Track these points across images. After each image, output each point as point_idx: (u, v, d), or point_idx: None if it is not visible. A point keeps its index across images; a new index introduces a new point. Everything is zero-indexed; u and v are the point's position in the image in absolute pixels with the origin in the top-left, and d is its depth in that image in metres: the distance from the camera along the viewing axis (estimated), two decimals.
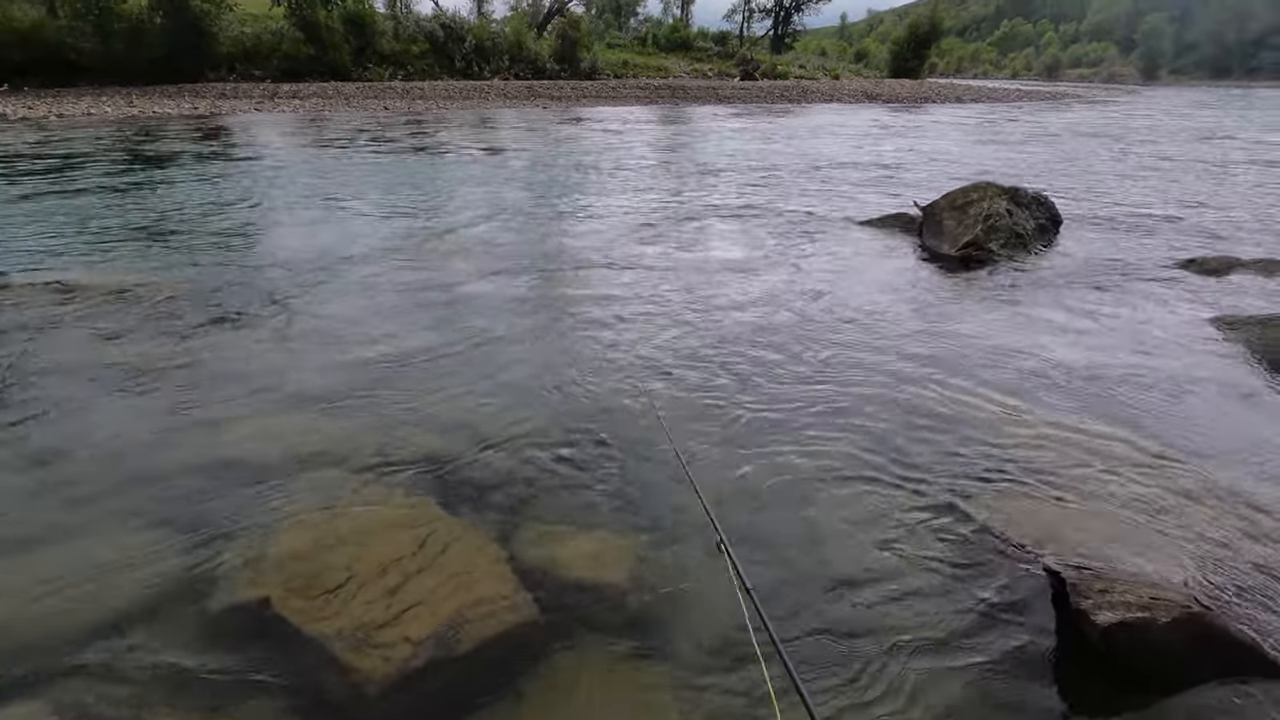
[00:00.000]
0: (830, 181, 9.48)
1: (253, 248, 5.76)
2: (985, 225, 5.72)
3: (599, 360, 3.56)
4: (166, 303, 4.31)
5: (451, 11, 37.98)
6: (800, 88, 35.40)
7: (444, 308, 4.35)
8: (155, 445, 2.71)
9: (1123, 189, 8.95)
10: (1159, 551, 2.04)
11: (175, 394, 3.13)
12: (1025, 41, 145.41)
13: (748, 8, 53.95)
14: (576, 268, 5.30)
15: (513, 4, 46.94)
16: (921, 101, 31.84)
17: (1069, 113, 26.44)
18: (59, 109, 18.83)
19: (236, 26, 29.93)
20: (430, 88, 28.52)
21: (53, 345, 3.63)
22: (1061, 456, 2.68)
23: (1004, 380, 3.37)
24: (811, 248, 5.91)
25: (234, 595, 1.94)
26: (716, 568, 2.11)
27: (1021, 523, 2.26)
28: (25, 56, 24.40)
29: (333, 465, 2.59)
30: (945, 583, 2.05)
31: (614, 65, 37.97)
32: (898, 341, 3.86)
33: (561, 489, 2.49)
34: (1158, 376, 3.45)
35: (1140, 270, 5.31)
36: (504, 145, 14.04)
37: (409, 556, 2.09)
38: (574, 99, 28.10)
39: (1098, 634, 1.64)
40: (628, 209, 7.44)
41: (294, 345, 3.72)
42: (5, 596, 1.96)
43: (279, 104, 22.56)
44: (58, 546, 2.17)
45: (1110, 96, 44.97)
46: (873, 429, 2.90)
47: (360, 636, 1.79)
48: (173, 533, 2.21)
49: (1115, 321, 4.24)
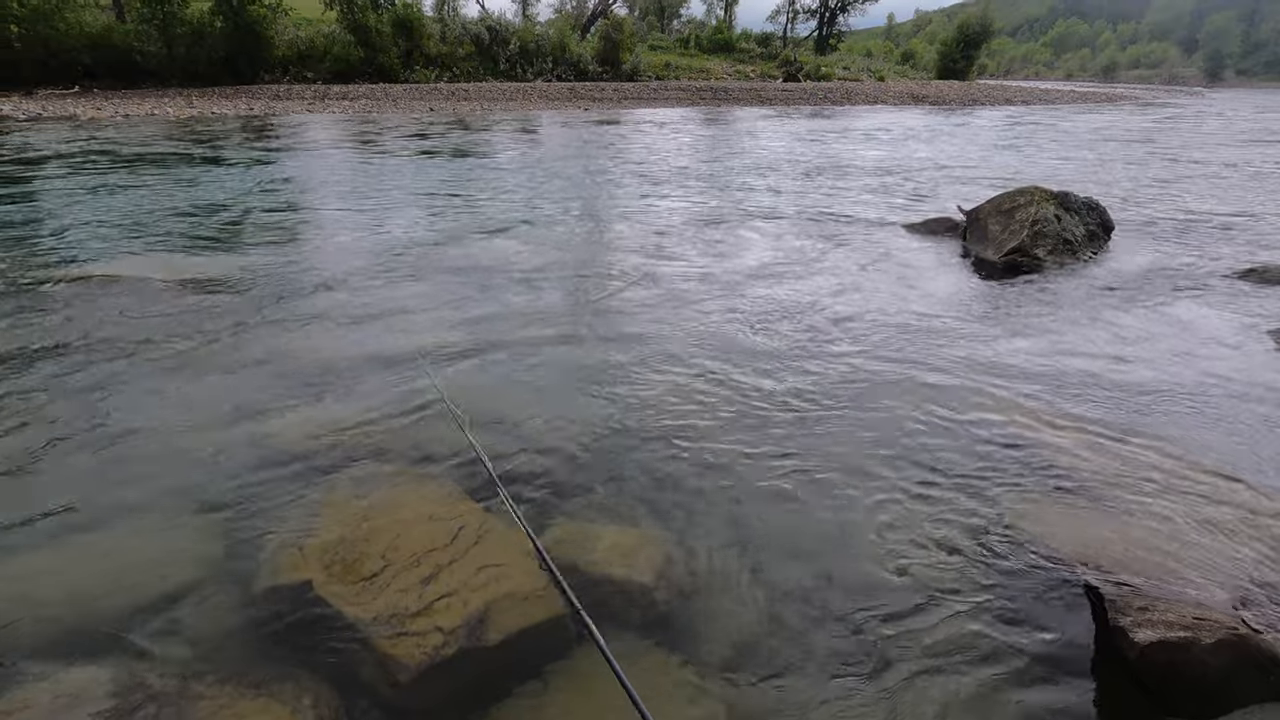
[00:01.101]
0: (871, 185, 9.35)
1: (302, 244, 5.95)
2: (1032, 230, 5.57)
3: (639, 358, 3.59)
4: (223, 294, 4.49)
5: (497, 14, 38.61)
6: (844, 89, 34.96)
7: (487, 305, 4.43)
8: (206, 431, 2.83)
9: (1181, 195, 8.61)
10: (1205, 570, 1.97)
11: (224, 382, 3.27)
12: (1080, 42, 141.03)
13: (792, 9, 53.50)
14: (621, 268, 5.34)
15: (557, 7, 47.51)
16: (970, 103, 31.13)
17: (1125, 115, 25.52)
18: (124, 109, 19.73)
19: (291, 30, 30.96)
20: (475, 89, 29.03)
21: (115, 333, 3.81)
22: (1106, 468, 2.60)
23: (1047, 389, 3.29)
24: (853, 252, 5.84)
25: (277, 577, 2.02)
26: (744, 567, 2.13)
27: (1061, 535, 2.20)
28: (94, 59, 25.72)
29: (371, 457, 2.67)
30: (980, 593, 2.01)
31: (656, 67, 38.08)
32: (938, 346, 3.80)
33: (596, 485, 2.52)
34: (1211, 389, 3.32)
35: (1196, 278, 5.11)
36: (544, 146, 14.20)
37: (442, 548, 2.14)
38: (615, 100, 28.25)
39: (1136, 652, 1.59)
40: (669, 210, 7.46)
41: (339, 338, 3.83)
42: (67, 571, 2.07)
43: (329, 105, 23.23)
44: (113, 525, 2.28)
45: (1171, 98, 43.25)
46: (911, 434, 2.86)
47: (395, 623, 1.84)
48: (221, 515, 2.31)
49: (1167, 331, 4.10)
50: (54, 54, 24.90)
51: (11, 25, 24.05)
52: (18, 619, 1.88)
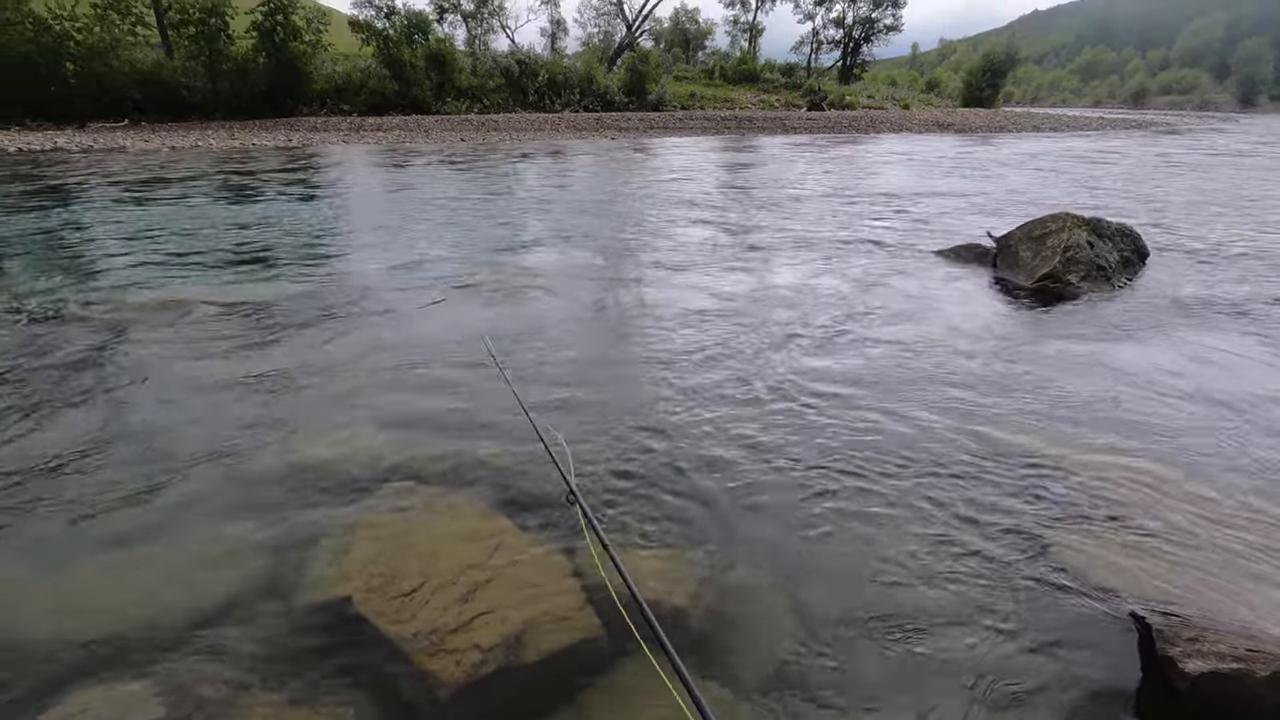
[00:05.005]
0: (898, 211, 9.34)
1: (337, 270, 6.12)
2: (1064, 257, 5.52)
3: (670, 384, 3.62)
4: (264, 319, 4.63)
5: (526, 47, 39.68)
6: (869, 118, 35.11)
7: (517, 329, 4.50)
8: (250, 451, 2.91)
9: (1215, 222, 8.46)
10: (1258, 602, 1.92)
11: (266, 404, 3.37)
12: (1108, 69, 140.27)
13: (815, 40, 54.13)
14: (648, 295, 5.40)
15: (585, 40, 48.68)
16: (996, 130, 31.03)
17: (1156, 143, 25.21)
18: (171, 141, 20.56)
19: (329, 65, 32.11)
20: (504, 120, 29.74)
21: (164, 355, 3.95)
22: (1146, 498, 2.55)
23: (1084, 417, 3.24)
24: (882, 278, 5.83)
25: (319, 592, 2.06)
26: (779, 591, 2.12)
27: (1104, 565, 2.16)
28: (144, 94, 26.91)
29: (409, 476, 2.72)
30: (1022, 625, 1.98)
31: (681, 97, 38.69)
32: (970, 373, 3.77)
33: (629, 507, 2.54)
34: (1250, 419, 3.24)
35: (1232, 306, 5.00)
36: (571, 175, 14.46)
37: (479, 566, 2.17)
38: (641, 130, 28.70)
39: (1187, 684, 1.56)
40: (696, 238, 7.53)
41: (377, 361, 3.92)
42: (117, 586, 2.14)
43: (364, 136, 23.95)
44: (162, 540, 2.35)
45: (1203, 124, 42.65)
46: (949, 461, 2.83)
47: (434, 640, 1.87)
48: (265, 532, 2.37)
49: (1204, 359, 4.01)
50: (107, 90, 26.14)
51: (68, 63, 25.35)
52: (72, 630, 1.94)
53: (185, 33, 28.42)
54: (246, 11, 29.10)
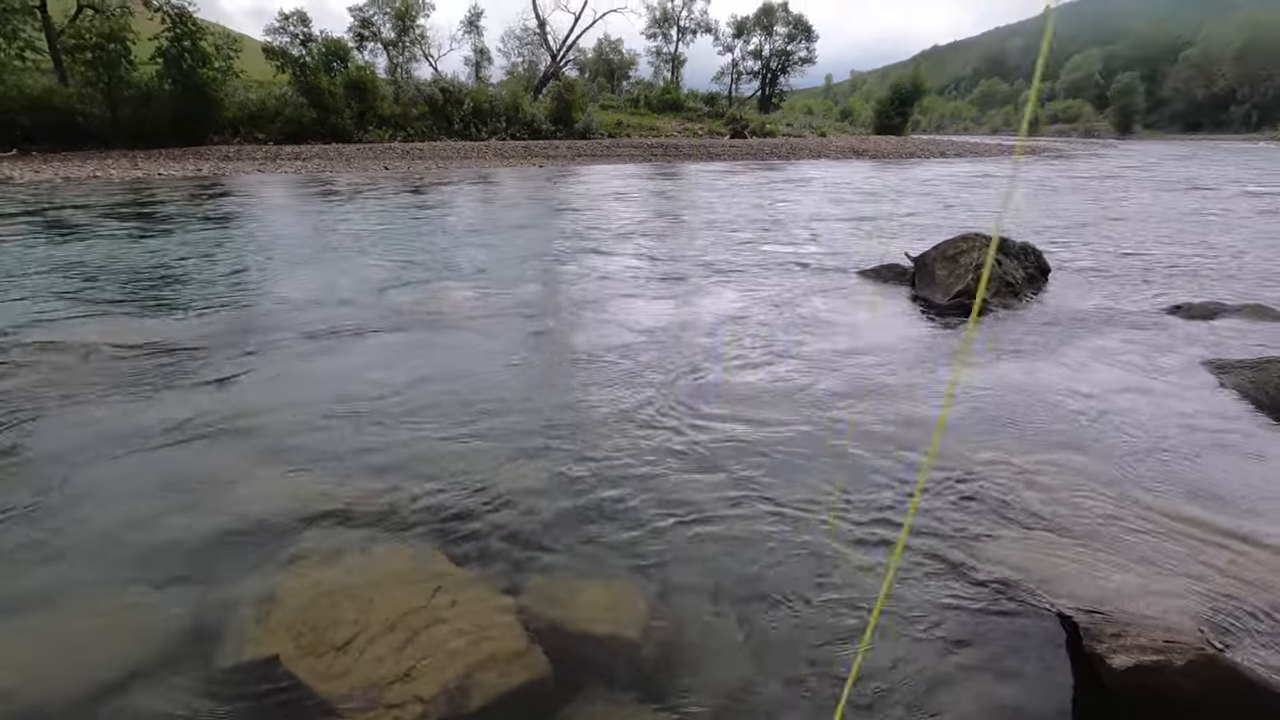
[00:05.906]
0: (820, 235, 9.71)
1: (251, 305, 5.83)
2: (976, 274, 5.85)
3: (600, 411, 3.59)
4: (171, 357, 4.34)
5: (450, 76, 39.45)
6: (789, 145, 36.56)
7: (444, 361, 4.39)
8: (161, 502, 2.70)
9: (1108, 238, 9.19)
10: (1168, 595, 2.05)
11: (179, 451, 3.14)
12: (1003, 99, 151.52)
13: (735, 70, 56.25)
14: (573, 322, 5.38)
15: (509, 69, 48.83)
16: (906, 156, 32.84)
17: (1050, 166, 27.27)
18: (66, 172, 19.23)
19: (242, 93, 30.96)
20: (429, 148, 29.35)
21: (59, 402, 3.64)
22: (1063, 501, 2.70)
23: (1002, 427, 3.41)
24: (806, 298, 6.02)
25: (243, 653, 1.91)
26: (724, 617, 2.11)
27: (1028, 568, 2.26)
28: (34, 121, 25.12)
29: (339, 521, 2.58)
30: (957, 629, 2.04)
31: (608, 125, 39.31)
32: (893, 387, 3.91)
33: (571, 539, 2.49)
34: (1155, 420, 3.50)
35: (1129, 316, 5.42)
36: (498, 203, 14.37)
37: (417, 610, 2.07)
38: (569, 158, 28.89)
39: (1113, 678, 1.63)
40: (621, 265, 7.58)
41: (295, 401, 3.73)
42: (18, 652, 1.93)
43: (281, 165, 23.12)
44: (64, 604, 2.14)
45: (1088, 150, 46.46)
46: (876, 476, 2.92)
47: (372, 695, 1.76)
48: (181, 589, 2.19)
49: (1108, 366, 4.32)
50: None
51: None
52: None
53: (81, 58, 26.85)
54: (151, 37, 27.79)
